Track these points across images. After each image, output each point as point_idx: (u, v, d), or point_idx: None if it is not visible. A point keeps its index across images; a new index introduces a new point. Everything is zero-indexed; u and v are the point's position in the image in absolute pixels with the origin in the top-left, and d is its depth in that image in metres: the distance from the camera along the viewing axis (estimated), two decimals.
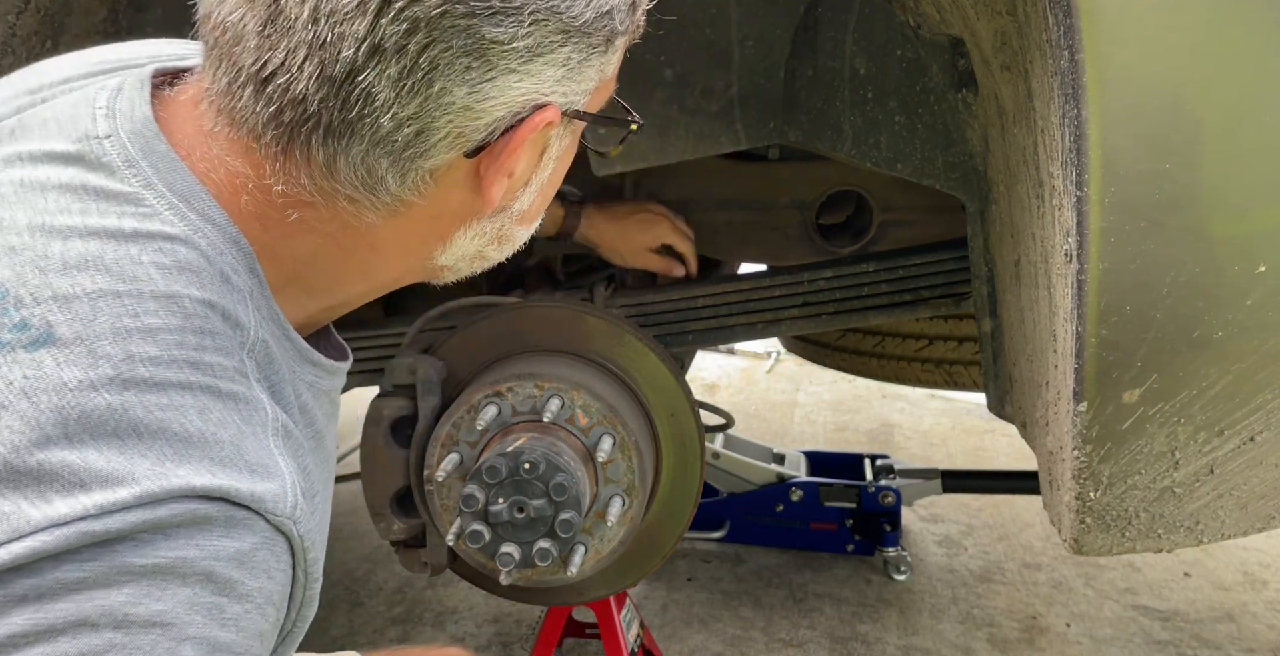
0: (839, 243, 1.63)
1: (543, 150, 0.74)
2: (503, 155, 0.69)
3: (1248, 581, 2.67)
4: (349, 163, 0.66)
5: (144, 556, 0.53)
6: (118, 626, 0.52)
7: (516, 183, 0.73)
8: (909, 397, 4.45)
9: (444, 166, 0.68)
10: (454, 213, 0.73)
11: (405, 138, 0.65)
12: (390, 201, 0.69)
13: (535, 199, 0.77)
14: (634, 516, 1.29)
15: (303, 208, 0.67)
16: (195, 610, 0.55)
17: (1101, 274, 0.86)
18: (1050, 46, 0.88)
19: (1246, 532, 1.09)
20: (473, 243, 0.77)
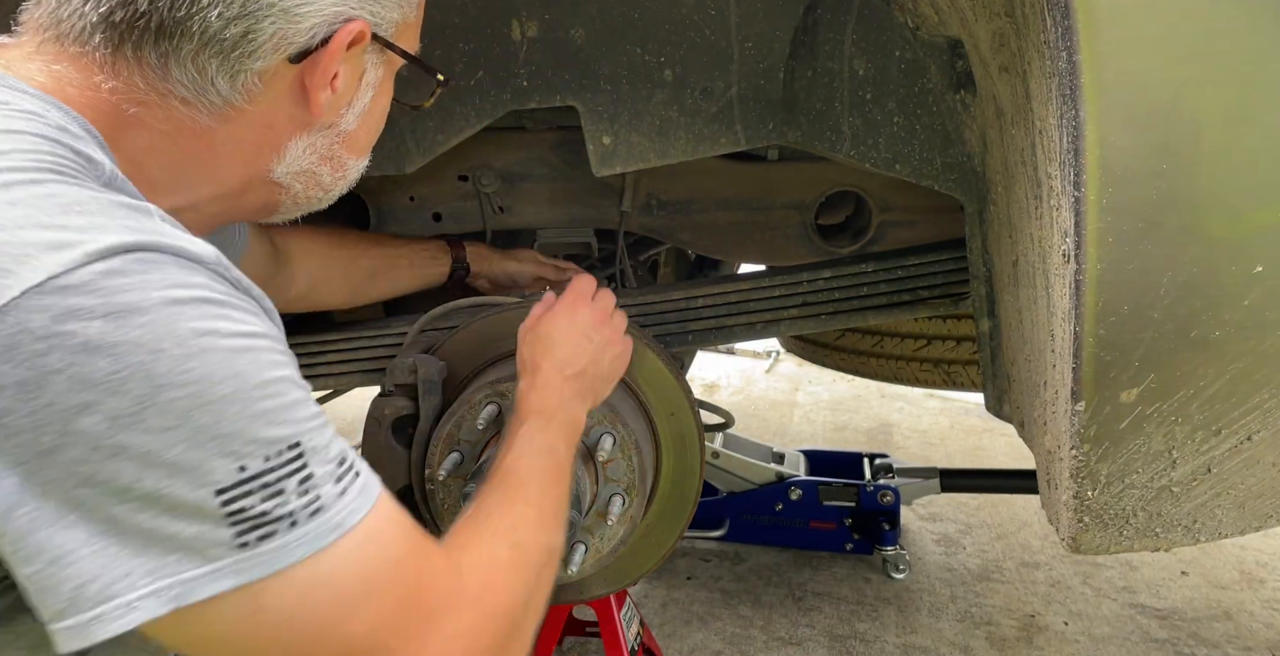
0: (838, 243, 1.64)
1: (361, 74, 0.82)
2: (322, 62, 0.76)
3: (1245, 580, 2.68)
4: (180, 63, 0.71)
5: (125, 293, 0.57)
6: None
7: (340, 100, 0.81)
8: (908, 397, 4.46)
9: (271, 71, 0.75)
10: (285, 123, 0.80)
11: (233, 37, 0.71)
12: (222, 105, 0.75)
13: (359, 125, 0.85)
14: (634, 515, 1.29)
15: (138, 105, 0.72)
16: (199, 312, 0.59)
17: (1099, 274, 0.87)
18: (1048, 48, 0.88)
19: (1244, 531, 1.10)
20: (305, 156, 0.83)
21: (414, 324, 1.41)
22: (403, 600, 0.66)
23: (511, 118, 1.35)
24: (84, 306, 0.54)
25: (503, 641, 0.74)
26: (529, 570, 0.81)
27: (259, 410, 0.59)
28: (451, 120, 1.29)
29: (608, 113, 1.28)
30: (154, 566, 0.56)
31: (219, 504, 0.57)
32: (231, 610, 0.59)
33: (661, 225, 1.62)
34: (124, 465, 0.55)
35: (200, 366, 0.57)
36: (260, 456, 0.59)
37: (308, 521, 0.61)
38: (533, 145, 1.55)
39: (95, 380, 0.54)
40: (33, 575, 0.55)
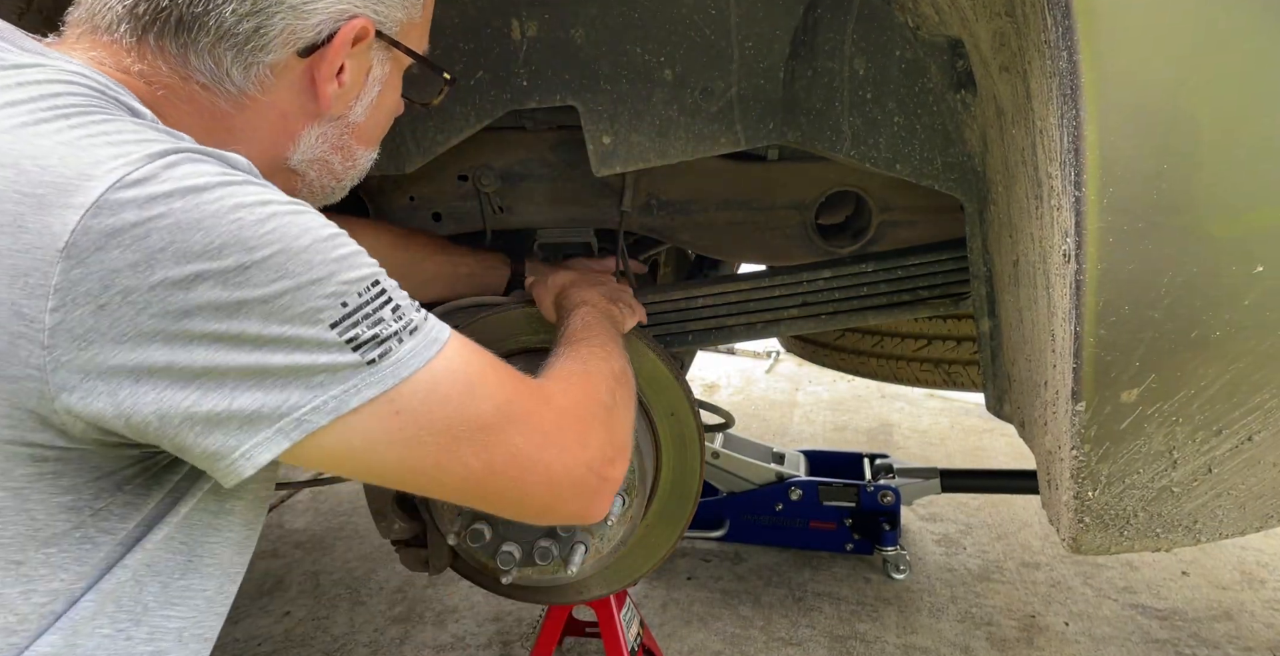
0: (838, 243, 1.63)
1: (368, 69, 0.89)
2: (328, 56, 0.83)
3: (1245, 580, 2.67)
4: (198, 54, 0.79)
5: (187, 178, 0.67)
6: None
7: (347, 93, 0.88)
8: (908, 397, 4.46)
9: (281, 64, 0.82)
10: (298, 114, 0.87)
11: (246, 32, 0.79)
12: (237, 93, 0.82)
13: (368, 117, 0.92)
14: (634, 516, 1.29)
15: (164, 87, 0.80)
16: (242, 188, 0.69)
17: (1099, 274, 0.87)
18: (1048, 47, 0.88)
19: (1244, 532, 1.10)
20: (317, 145, 0.90)
21: None
22: (513, 382, 0.81)
23: (511, 118, 1.35)
24: (160, 192, 0.64)
25: (605, 427, 0.89)
26: (605, 381, 0.97)
27: (337, 256, 0.71)
28: (451, 120, 1.29)
29: (608, 113, 1.28)
30: (307, 389, 0.69)
31: (336, 334, 0.69)
32: (378, 417, 0.71)
33: (661, 225, 1.62)
34: (248, 319, 0.66)
35: (277, 227, 0.68)
36: (354, 293, 0.70)
37: (411, 338, 0.73)
38: (533, 145, 1.55)
39: (196, 252, 0.64)
40: (205, 417, 0.67)
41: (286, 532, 2.99)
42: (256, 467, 0.69)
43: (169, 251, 0.64)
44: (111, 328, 0.64)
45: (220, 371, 0.66)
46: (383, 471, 0.75)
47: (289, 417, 0.69)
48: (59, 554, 0.71)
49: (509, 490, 0.79)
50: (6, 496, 0.68)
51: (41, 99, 0.68)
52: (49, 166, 0.64)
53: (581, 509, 0.85)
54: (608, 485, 0.87)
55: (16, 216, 0.63)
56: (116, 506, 0.73)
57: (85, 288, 0.62)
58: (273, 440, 0.69)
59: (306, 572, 2.72)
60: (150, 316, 0.64)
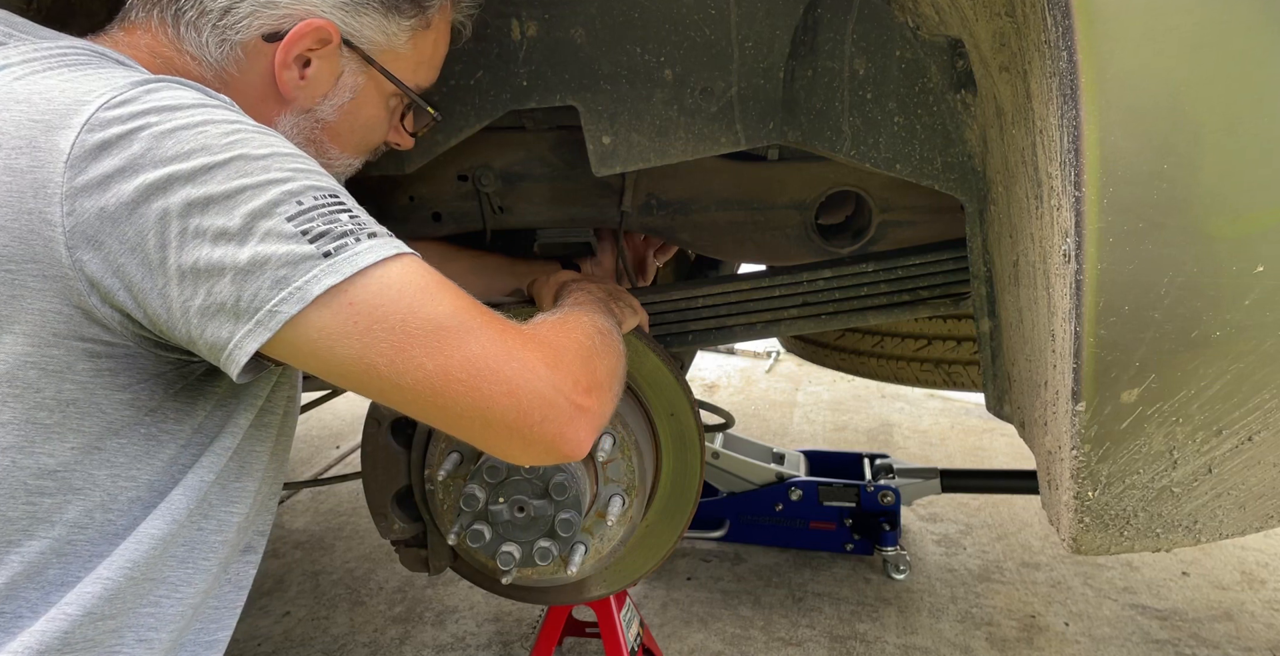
0: (838, 243, 1.63)
1: (338, 73, 0.98)
2: (287, 44, 0.92)
3: (1246, 580, 2.67)
4: (186, 25, 0.91)
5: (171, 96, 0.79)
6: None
7: (313, 88, 0.97)
8: (908, 397, 4.46)
9: (249, 44, 0.92)
10: (273, 100, 0.96)
11: (219, 9, 0.91)
12: (217, 68, 0.93)
13: (338, 118, 1.00)
14: (634, 516, 1.29)
15: (165, 58, 0.92)
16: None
17: (1100, 274, 0.87)
18: (1048, 47, 0.88)
19: (1245, 532, 1.10)
20: (294, 135, 0.98)
21: None
22: (474, 307, 0.83)
23: (511, 118, 1.35)
24: (142, 109, 0.76)
25: (576, 349, 0.91)
26: (589, 333, 0.98)
27: (296, 167, 0.78)
28: (451, 120, 1.29)
29: (608, 113, 1.28)
30: (274, 282, 0.75)
31: (293, 227, 0.75)
32: (333, 308, 0.76)
33: (661, 225, 1.62)
34: (216, 214, 0.74)
35: (240, 139, 0.77)
36: (310, 196, 0.77)
37: (368, 239, 0.78)
38: (533, 145, 1.54)
39: (169, 156, 0.74)
40: (199, 310, 0.75)
41: (286, 532, 2.99)
42: (247, 356, 0.76)
43: (148, 157, 0.74)
44: (114, 228, 0.74)
45: (200, 266, 0.75)
46: (345, 368, 0.78)
47: (263, 309, 0.75)
48: (130, 445, 0.83)
49: (468, 398, 0.79)
50: (76, 390, 0.79)
51: (52, 56, 0.82)
52: (52, 98, 0.76)
53: (555, 434, 0.83)
54: (585, 414, 0.85)
55: (30, 139, 0.74)
56: (170, 410, 0.85)
57: (88, 193, 0.74)
58: (255, 331, 0.75)
59: (306, 572, 2.72)
60: (140, 216, 0.74)
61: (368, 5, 0.96)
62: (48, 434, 0.79)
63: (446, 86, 1.27)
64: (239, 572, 0.98)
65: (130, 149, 0.74)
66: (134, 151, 0.74)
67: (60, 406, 0.79)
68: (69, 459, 0.80)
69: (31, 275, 0.75)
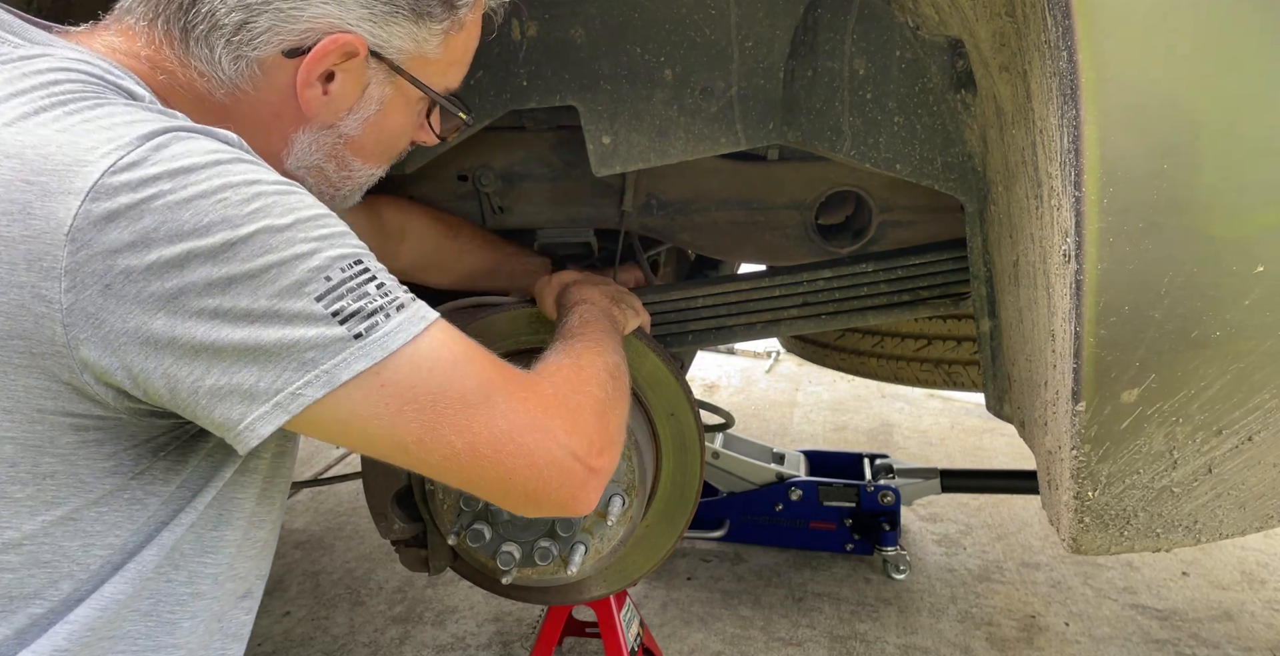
0: (838, 243, 1.63)
1: (364, 86, 0.91)
2: (310, 62, 0.85)
3: (1246, 580, 2.67)
4: (196, 40, 0.84)
5: (175, 159, 0.71)
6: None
7: (337, 104, 0.90)
8: (908, 397, 4.46)
9: (269, 61, 0.85)
10: (290, 116, 0.89)
11: (233, 24, 0.83)
12: (229, 85, 0.86)
13: (363, 131, 0.94)
14: (634, 516, 1.29)
15: (169, 74, 0.85)
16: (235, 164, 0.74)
17: (1100, 274, 0.87)
18: (1048, 47, 0.88)
19: (1245, 532, 1.10)
20: (311, 152, 0.93)
21: None
22: (499, 368, 0.83)
23: (511, 117, 1.35)
24: (151, 174, 0.69)
25: (592, 404, 0.90)
26: (599, 373, 0.98)
27: (320, 235, 0.74)
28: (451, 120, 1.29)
29: (608, 113, 1.28)
30: (300, 364, 0.72)
31: (322, 307, 0.72)
32: (365, 390, 0.74)
33: (661, 225, 1.62)
34: (238, 294, 0.70)
35: (262, 206, 0.72)
36: (337, 268, 0.73)
37: (398, 313, 0.76)
38: (533, 145, 1.55)
39: (186, 231, 0.69)
40: (209, 391, 0.71)
41: (286, 532, 2.99)
42: (260, 439, 0.73)
43: (162, 231, 0.68)
44: (119, 305, 0.69)
45: (217, 347, 0.70)
46: (372, 444, 0.78)
47: (285, 391, 0.72)
48: (110, 512, 0.77)
49: (492, 472, 0.80)
50: (56, 462, 0.74)
51: (41, 87, 0.73)
52: (48, 155, 0.69)
53: (569, 497, 0.85)
54: (596, 476, 0.87)
55: (25, 204, 0.68)
56: (158, 470, 0.80)
57: (91, 268, 0.68)
58: (272, 414, 0.72)
59: (306, 572, 2.72)
60: (150, 294, 0.69)
61: (396, 13, 0.88)
62: (16, 508, 0.73)
63: None
64: (235, 621, 0.91)
65: (141, 221, 0.68)
66: (145, 225, 0.68)
67: (36, 480, 0.73)
68: (37, 531, 0.74)
69: (17, 351, 0.69)
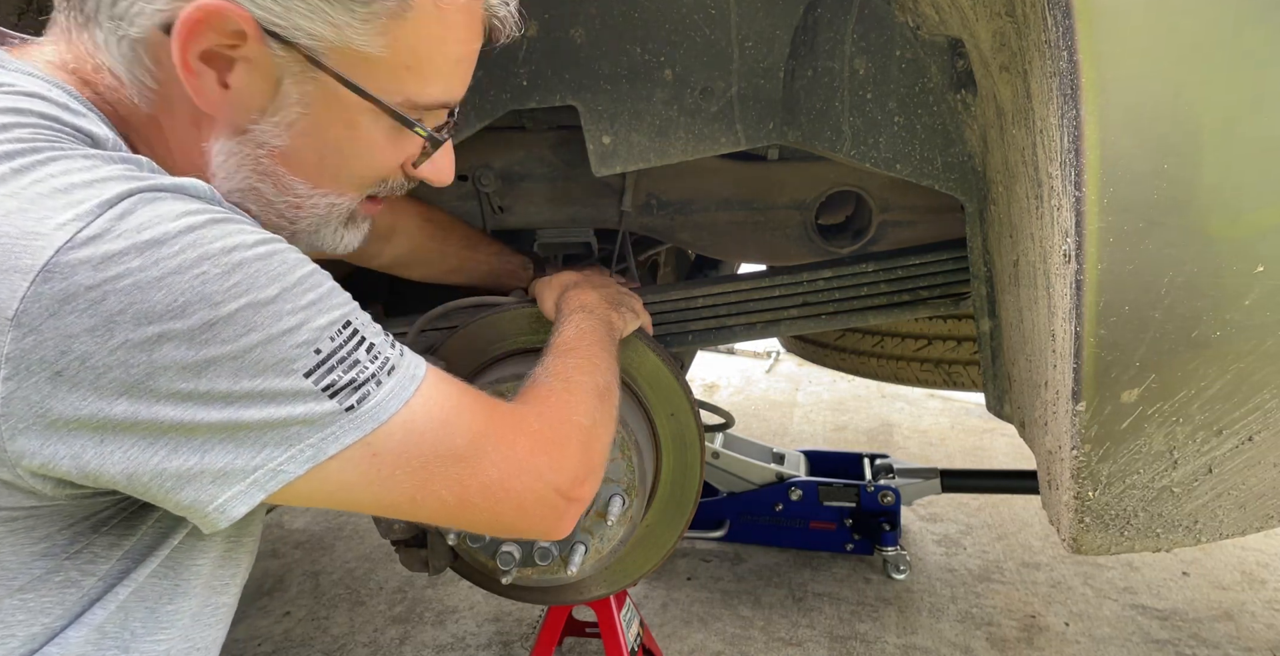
0: (838, 243, 1.63)
1: (275, 81, 0.73)
2: (181, 37, 0.69)
3: (1246, 580, 2.67)
4: (86, 25, 0.73)
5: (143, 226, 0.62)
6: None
7: (241, 101, 0.73)
8: (908, 397, 4.45)
9: (150, 42, 0.71)
10: (202, 120, 0.75)
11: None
12: (133, 81, 0.73)
13: (291, 141, 0.77)
14: (634, 516, 1.29)
15: (92, 84, 0.74)
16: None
17: (1100, 274, 0.87)
18: (1049, 47, 0.88)
19: (1245, 532, 1.10)
20: (233, 168, 0.77)
21: (414, 324, 1.41)
22: (487, 412, 0.81)
23: (511, 117, 1.35)
24: (116, 250, 0.60)
25: (580, 448, 0.89)
26: (588, 395, 0.96)
27: (307, 302, 0.68)
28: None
29: (608, 113, 1.28)
30: (283, 440, 0.67)
31: (311, 383, 0.67)
32: (354, 461, 0.70)
33: (661, 225, 1.62)
34: (217, 376, 0.63)
35: (243, 278, 0.64)
36: (327, 338, 0.68)
37: (389, 378, 0.72)
38: (533, 145, 1.54)
39: (158, 312, 0.61)
40: (175, 473, 0.64)
41: (286, 532, 2.99)
42: (232, 520, 0.67)
43: (129, 314, 0.60)
44: (71, 393, 0.60)
45: (189, 428, 0.64)
46: (359, 507, 0.75)
47: (264, 468, 0.67)
48: (37, 598, 0.69)
49: (483, 516, 0.81)
50: None
51: None
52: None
53: (549, 528, 0.87)
54: (575, 505, 0.88)
55: None
56: (98, 547, 0.71)
57: (39, 355, 0.59)
58: (248, 492, 0.67)
59: (306, 572, 2.72)
60: (112, 380, 0.61)
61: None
62: None
63: None
64: None
65: (104, 304, 0.59)
66: (110, 308, 0.59)
67: None
68: None
69: None
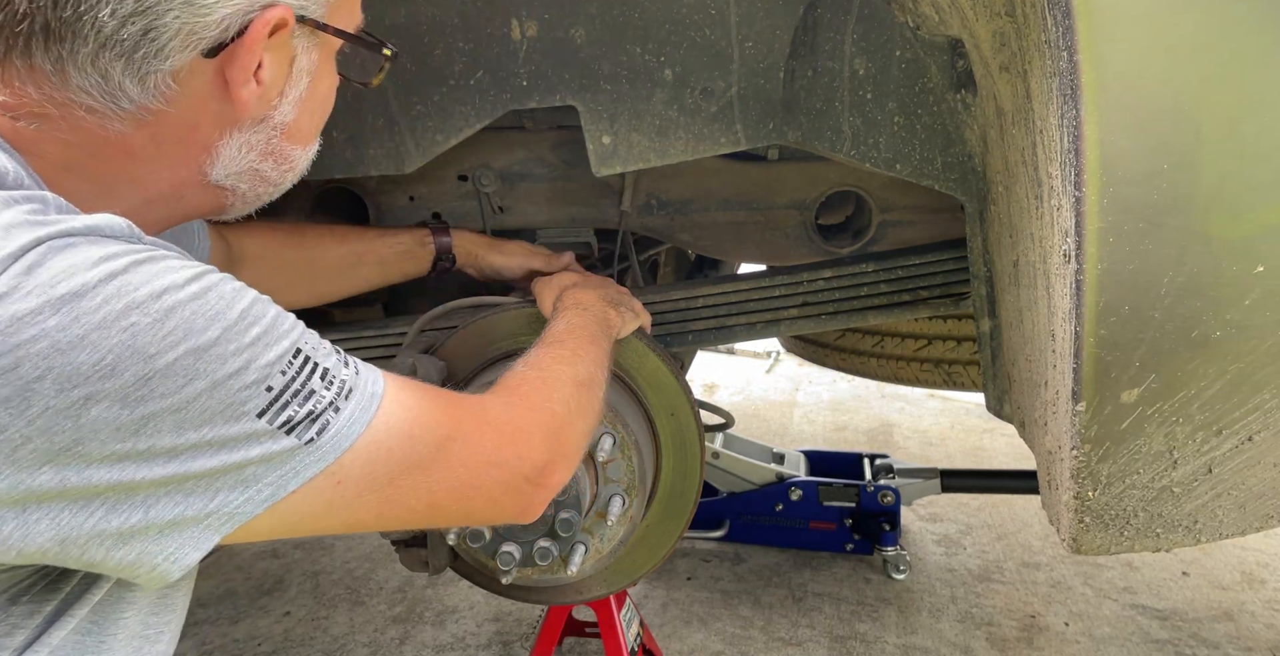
0: (838, 243, 1.63)
1: (291, 60, 0.75)
2: (241, 56, 0.70)
3: (1246, 580, 2.67)
4: (79, 68, 0.65)
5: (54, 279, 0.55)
6: None
7: (269, 91, 0.74)
8: (908, 397, 4.45)
9: (185, 69, 0.68)
10: (211, 122, 0.73)
11: (133, 36, 0.65)
12: (135, 109, 0.68)
13: (297, 113, 0.79)
14: (634, 516, 1.29)
15: (39, 119, 0.66)
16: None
17: (1100, 274, 0.87)
18: (1048, 47, 0.88)
19: (1245, 532, 1.10)
20: (242, 156, 0.77)
21: (414, 324, 1.41)
22: (449, 411, 0.77)
23: (511, 117, 1.35)
24: (27, 309, 0.53)
25: (549, 435, 0.86)
26: (566, 387, 0.93)
27: (252, 338, 0.62)
28: (451, 120, 1.29)
29: (608, 113, 1.28)
30: (237, 483, 0.62)
31: (265, 423, 0.62)
32: (319, 490, 0.66)
33: (661, 225, 1.62)
34: (157, 432, 0.57)
35: (178, 323, 0.58)
36: (277, 373, 0.63)
37: (346, 403, 0.67)
38: (533, 145, 1.55)
39: (84, 374, 0.54)
40: (115, 533, 0.59)
41: None
42: (185, 569, 0.62)
43: (49, 379, 0.53)
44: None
45: (128, 487, 0.58)
46: (322, 531, 0.73)
47: (218, 514, 0.62)
48: None
49: (453, 514, 0.80)
50: None
51: None
52: None
53: (519, 515, 0.86)
54: (544, 491, 0.86)
55: None
56: (15, 618, 0.64)
57: None
58: (201, 537, 0.62)
59: (306, 572, 2.72)
60: (31, 451, 0.54)
61: None
62: None
63: (446, 86, 1.27)
64: None
65: (18, 371, 0.52)
66: (25, 374, 0.53)
67: None
68: None
69: None
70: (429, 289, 1.64)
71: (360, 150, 1.30)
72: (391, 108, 1.28)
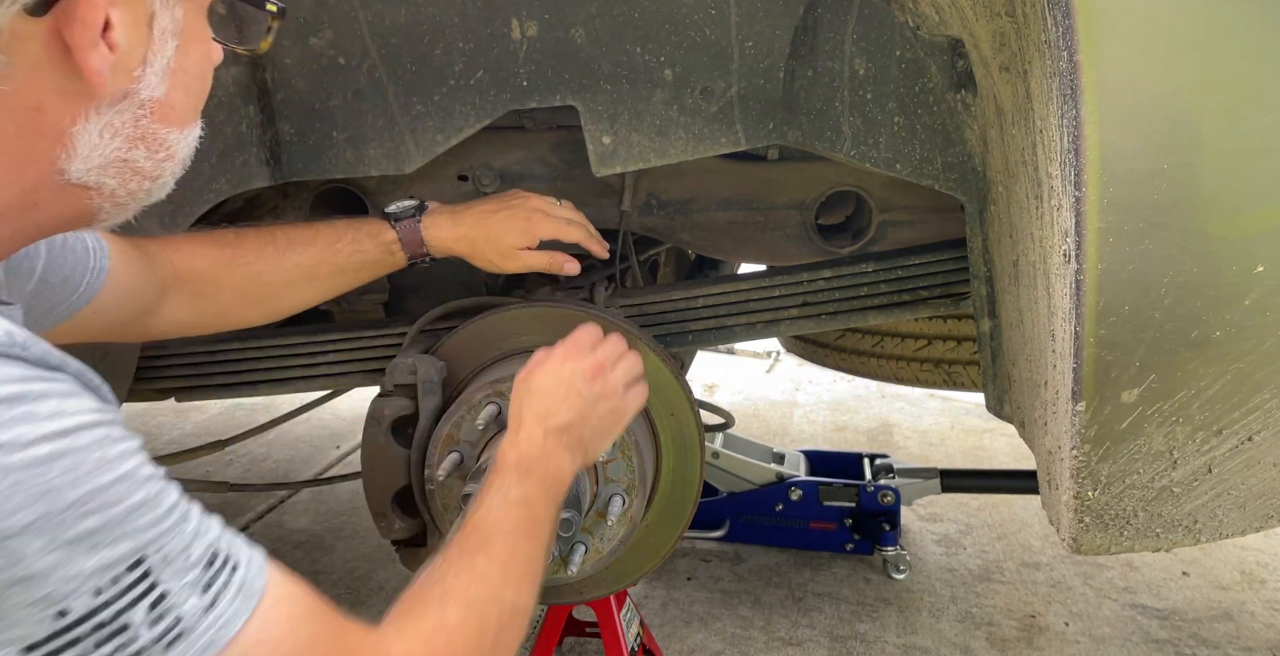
0: (838, 243, 1.63)
1: (149, 18, 0.61)
2: (80, 10, 0.55)
3: (1246, 580, 2.67)
4: None
5: None
6: None
7: (128, 58, 0.60)
8: (908, 397, 4.45)
9: (8, 32, 0.54)
10: (57, 102, 0.58)
11: None
12: None
13: (168, 86, 0.64)
14: (634, 516, 1.29)
15: None
16: None
17: (1100, 274, 0.87)
18: (1049, 47, 0.88)
19: (1245, 532, 1.10)
20: (106, 143, 0.62)
21: (414, 324, 1.41)
22: (332, 646, 0.60)
23: (511, 117, 1.35)
24: None
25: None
26: (483, 630, 0.75)
27: (78, 533, 0.47)
28: (451, 120, 1.29)
29: (608, 113, 1.28)
30: None
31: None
32: None
33: (661, 225, 1.62)
34: None
35: (48, 498, 0.46)
36: (88, 592, 0.47)
37: (165, 653, 0.50)
38: (533, 145, 1.55)
39: None
40: None
41: (286, 532, 2.99)
42: None
43: None
44: None
45: None
46: None
47: None
48: None
49: None
50: None
51: None
52: None
53: None
54: None
55: None
56: None
57: None
58: None
59: (306, 572, 2.72)
60: None
61: None
62: None
63: (446, 86, 1.27)
64: None
65: None
66: None
67: None
68: None
69: None
70: (429, 289, 1.65)
71: (360, 150, 1.30)
72: (391, 108, 1.28)
